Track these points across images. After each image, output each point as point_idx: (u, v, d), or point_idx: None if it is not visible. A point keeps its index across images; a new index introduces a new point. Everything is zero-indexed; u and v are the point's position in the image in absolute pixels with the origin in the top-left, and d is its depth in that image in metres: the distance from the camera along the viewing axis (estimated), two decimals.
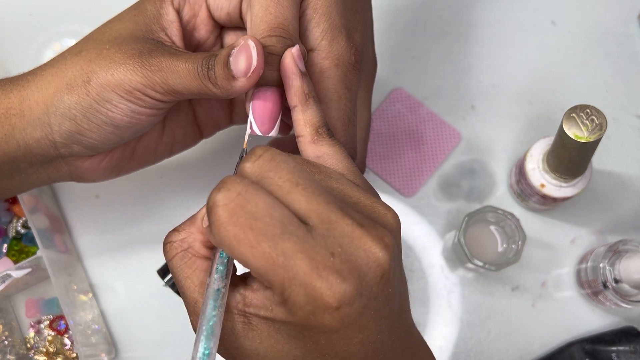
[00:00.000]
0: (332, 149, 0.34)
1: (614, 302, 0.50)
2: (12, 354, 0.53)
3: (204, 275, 0.32)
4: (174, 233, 0.33)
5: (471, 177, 0.57)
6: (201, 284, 0.32)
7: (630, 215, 0.56)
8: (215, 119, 0.45)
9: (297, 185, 0.28)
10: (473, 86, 0.59)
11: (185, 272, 0.32)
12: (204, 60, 0.35)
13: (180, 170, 0.58)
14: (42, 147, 0.39)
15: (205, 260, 0.32)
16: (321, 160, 0.33)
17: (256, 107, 0.36)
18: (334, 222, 0.28)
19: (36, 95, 0.38)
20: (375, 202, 0.31)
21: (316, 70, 0.38)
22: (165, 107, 0.39)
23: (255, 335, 0.30)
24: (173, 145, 0.45)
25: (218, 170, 0.57)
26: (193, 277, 0.32)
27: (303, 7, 0.37)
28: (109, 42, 0.38)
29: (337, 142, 0.34)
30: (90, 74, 0.37)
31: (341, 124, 0.38)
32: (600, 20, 0.61)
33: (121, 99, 0.37)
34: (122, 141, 0.40)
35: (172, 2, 0.39)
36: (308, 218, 0.28)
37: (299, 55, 0.35)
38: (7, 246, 0.55)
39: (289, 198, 0.28)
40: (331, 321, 0.27)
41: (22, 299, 0.55)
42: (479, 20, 0.61)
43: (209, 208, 0.28)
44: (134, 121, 0.38)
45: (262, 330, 0.30)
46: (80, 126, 0.38)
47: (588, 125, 0.44)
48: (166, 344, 0.55)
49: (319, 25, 0.37)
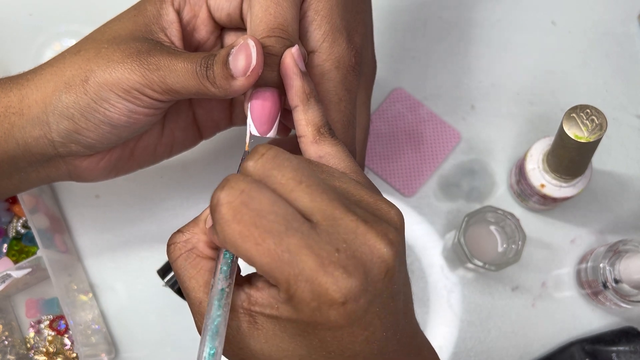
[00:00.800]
0: (334, 149, 0.34)
1: (614, 302, 0.50)
2: (12, 354, 0.53)
3: (208, 276, 0.32)
4: (178, 234, 0.33)
5: (471, 177, 0.57)
6: (206, 284, 0.32)
7: (630, 215, 0.56)
8: (215, 120, 0.45)
9: (301, 183, 0.28)
10: (473, 86, 0.59)
11: (189, 273, 0.32)
12: (203, 59, 0.35)
13: (180, 170, 0.58)
14: (40, 145, 0.39)
15: (209, 260, 0.32)
16: (324, 160, 0.33)
17: (254, 108, 0.36)
18: (338, 219, 0.28)
19: (35, 94, 0.38)
20: (379, 200, 0.31)
21: (316, 72, 0.38)
22: (163, 107, 0.39)
23: (261, 334, 0.30)
24: (172, 146, 0.45)
25: (218, 171, 0.57)
26: (198, 277, 0.32)
27: (304, 8, 0.37)
28: (108, 42, 0.38)
29: (339, 142, 0.34)
30: (89, 73, 0.37)
31: (341, 125, 0.38)
32: (600, 20, 0.61)
33: (119, 98, 0.37)
34: (120, 141, 0.40)
35: (172, 3, 0.39)
36: (312, 215, 0.28)
37: (299, 55, 0.34)
38: (7, 246, 0.55)
39: (293, 196, 0.28)
40: (337, 317, 0.27)
41: (22, 299, 0.55)
42: (479, 20, 0.61)
43: (213, 206, 0.28)
44: (131, 121, 0.38)
45: (268, 329, 0.30)
46: (78, 125, 0.38)
47: (588, 126, 0.44)
48: (166, 344, 0.55)
49: (320, 27, 0.37)
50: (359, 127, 0.41)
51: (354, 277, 0.27)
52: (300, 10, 0.37)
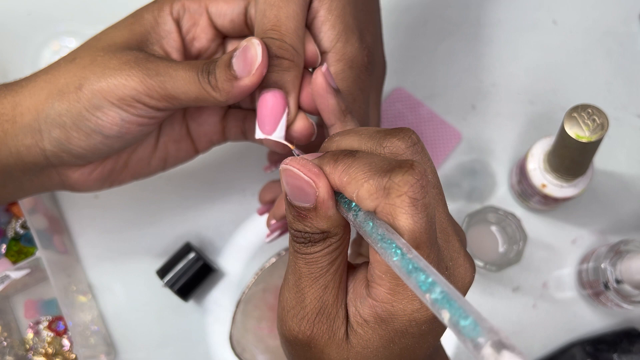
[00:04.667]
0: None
1: (615, 303, 0.50)
2: (11, 355, 0.53)
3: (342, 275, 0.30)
4: (327, 240, 0.29)
5: (472, 177, 0.57)
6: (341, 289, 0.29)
7: (631, 215, 0.56)
8: (207, 134, 0.44)
9: (434, 187, 0.28)
10: (474, 86, 0.59)
11: (328, 279, 0.29)
12: (204, 65, 0.36)
13: (180, 170, 0.57)
14: (32, 154, 0.38)
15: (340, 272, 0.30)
16: None
17: (258, 109, 0.36)
18: (449, 235, 0.29)
19: (28, 101, 0.38)
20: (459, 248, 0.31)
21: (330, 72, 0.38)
22: (158, 117, 0.38)
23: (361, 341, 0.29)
24: (166, 159, 0.44)
25: (218, 170, 0.57)
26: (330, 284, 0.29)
27: (316, 7, 0.37)
28: (103, 50, 0.38)
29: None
30: (83, 81, 0.36)
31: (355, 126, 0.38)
32: (602, 19, 0.60)
33: (112, 106, 0.36)
34: (111, 152, 0.40)
35: (170, 12, 0.39)
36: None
37: (329, 73, 0.34)
38: (6, 247, 0.55)
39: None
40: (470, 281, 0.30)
41: (21, 299, 0.55)
42: (480, 20, 0.61)
43: (420, 171, 0.25)
44: (123, 131, 0.38)
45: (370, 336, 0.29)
46: (69, 134, 0.37)
47: (589, 125, 0.44)
48: (165, 345, 0.54)
49: (334, 27, 0.37)
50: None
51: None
52: (311, 9, 0.37)
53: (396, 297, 0.27)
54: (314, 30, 0.38)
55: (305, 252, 0.28)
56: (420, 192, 0.25)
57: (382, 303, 0.27)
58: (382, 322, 0.28)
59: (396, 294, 0.27)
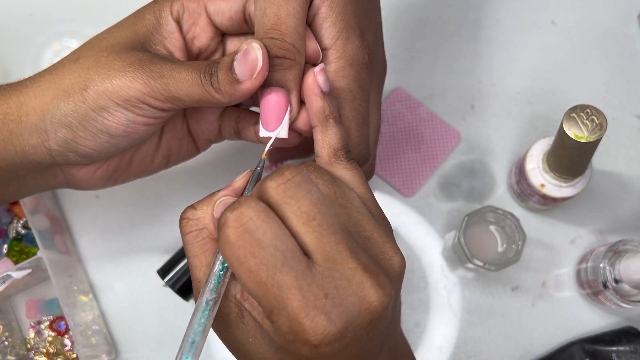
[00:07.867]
0: (348, 173, 0.34)
1: (614, 302, 0.50)
2: (12, 354, 0.53)
3: (212, 258, 0.33)
4: (190, 210, 0.34)
5: (471, 177, 0.57)
6: (208, 265, 0.33)
7: (630, 215, 0.56)
8: (205, 132, 0.44)
9: (314, 219, 0.29)
10: (473, 86, 0.59)
11: (195, 251, 0.33)
12: (207, 67, 0.36)
13: (180, 170, 0.57)
14: (38, 154, 0.39)
15: (216, 243, 0.33)
16: None
17: (261, 108, 0.36)
18: (338, 263, 0.29)
19: (33, 102, 0.38)
20: (387, 242, 0.32)
21: (330, 69, 0.38)
22: (163, 117, 0.38)
23: (244, 329, 0.32)
24: (169, 157, 0.44)
25: (218, 170, 0.57)
26: (202, 257, 0.33)
27: (317, 4, 0.37)
28: (107, 50, 0.38)
29: (356, 167, 0.34)
30: (88, 81, 0.37)
31: (355, 124, 0.38)
32: (600, 20, 0.61)
33: (118, 107, 0.37)
34: (117, 151, 0.40)
35: (171, 12, 0.39)
36: (314, 253, 0.29)
37: (323, 73, 0.35)
38: (8, 247, 0.55)
39: (302, 230, 0.29)
40: (308, 353, 0.29)
41: (23, 299, 0.55)
42: (479, 20, 0.61)
43: (220, 224, 0.29)
44: (129, 130, 0.38)
45: (251, 328, 0.32)
46: (76, 134, 0.38)
47: (588, 125, 0.44)
48: (166, 345, 0.55)
49: (335, 24, 0.37)
50: (371, 128, 0.41)
51: (334, 325, 0.28)
52: (312, 6, 0.37)
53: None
54: (315, 27, 0.38)
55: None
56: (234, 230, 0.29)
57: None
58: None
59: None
